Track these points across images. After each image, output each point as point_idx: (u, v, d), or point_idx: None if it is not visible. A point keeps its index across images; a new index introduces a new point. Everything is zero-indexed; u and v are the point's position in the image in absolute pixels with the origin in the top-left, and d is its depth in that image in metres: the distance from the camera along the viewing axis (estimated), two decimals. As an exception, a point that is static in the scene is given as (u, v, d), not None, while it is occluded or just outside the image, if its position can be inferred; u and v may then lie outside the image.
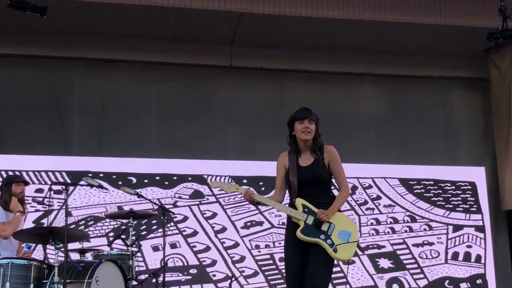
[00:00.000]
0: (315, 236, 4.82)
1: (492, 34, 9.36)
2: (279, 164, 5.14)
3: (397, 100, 10.65)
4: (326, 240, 4.83)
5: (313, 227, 4.83)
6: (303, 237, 4.83)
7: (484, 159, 10.55)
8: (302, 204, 4.93)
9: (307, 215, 4.86)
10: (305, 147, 5.07)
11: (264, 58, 10.14)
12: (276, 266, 9.45)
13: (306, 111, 5.17)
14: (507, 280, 10.28)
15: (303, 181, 4.96)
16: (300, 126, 5.07)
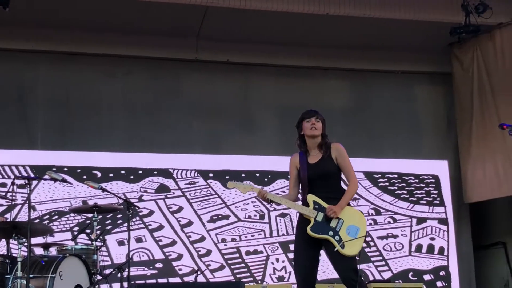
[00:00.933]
0: (324, 233, 5.02)
1: (455, 29, 9.48)
2: (291, 165, 5.35)
3: (361, 94, 10.75)
4: (334, 237, 5.01)
5: (323, 223, 5.02)
6: (313, 234, 5.03)
7: (447, 153, 10.69)
8: (313, 201, 5.09)
9: (317, 212, 5.04)
10: (313, 145, 5.29)
11: (230, 52, 10.14)
12: (242, 259, 9.48)
13: (313, 111, 5.43)
14: (469, 272, 10.44)
15: (312, 177, 5.15)
16: (307, 124, 5.30)
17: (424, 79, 11.04)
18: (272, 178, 9.91)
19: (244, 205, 9.70)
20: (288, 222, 9.76)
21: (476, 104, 10.09)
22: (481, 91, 10.06)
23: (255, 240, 9.60)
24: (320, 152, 5.26)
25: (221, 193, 9.64)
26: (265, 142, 10.13)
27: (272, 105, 10.36)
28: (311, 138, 5.30)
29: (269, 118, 10.30)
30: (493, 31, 9.88)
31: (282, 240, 9.68)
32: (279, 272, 9.51)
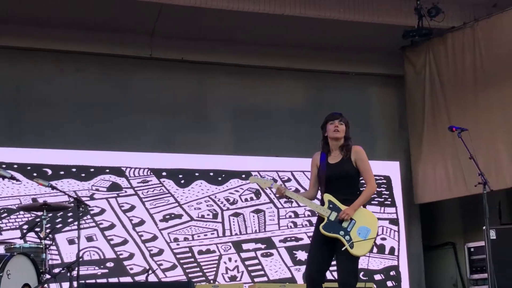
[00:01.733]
0: (335, 232, 5.11)
1: (408, 32, 9.62)
2: (312, 163, 5.48)
3: (316, 94, 10.81)
4: (345, 236, 5.09)
5: (335, 223, 5.13)
6: (325, 232, 5.15)
7: (399, 154, 10.83)
8: (329, 200, 5.22)
9: (331, 211, 5.16)
10: (335, 147, 5.42)
11: (185, 50, 10.09)
12: (194, 259, 9.43)
13: (337, 113, 5.58)
14: (419, 272, 10.60)
15: (331, 177, 5.28)
16: (331, 126, 5.44)
17: (377, 81, 11.17)
18: (225, 177, 9.89)
19: (197, 205, 9.66)
20: (241, 222, 9.76)
21: (427, 106, 10.25)
22: (433, 93, 10.22)
23: (208, 240, 9.57)
24: (341, 153, 5.39)
25: (174, 192, 9.58)
26: (219, 141, 10.11)
27: (227, 104, 10.34)
28: (334, 140, 5.44)
29: (224, 117, 10.28)
30: (445, 35, 10.04)
31: (235, 239, 9.67)
32: (231, 272, 9.50)
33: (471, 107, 9.67)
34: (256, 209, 9.90)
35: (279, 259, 9.77)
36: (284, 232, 9.92)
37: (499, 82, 9.40)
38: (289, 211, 10.02)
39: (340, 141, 5.44)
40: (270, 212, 9.95)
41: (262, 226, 9.85)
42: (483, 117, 9.50)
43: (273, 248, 9.79)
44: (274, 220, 9.94)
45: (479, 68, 9.65)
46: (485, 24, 9.59)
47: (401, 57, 10.70)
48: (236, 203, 9.82)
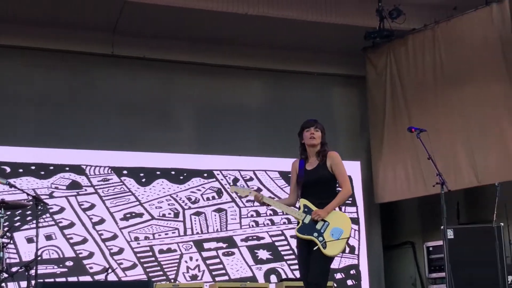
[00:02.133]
0: (309, 233, 5.27)
1: (369, 33, 9.71)
2: (292, 170, 5.66)
3: (279, 94, 10.85)
4: (318, 238, 5.24)
5: (309, 225, 5.28)
6: (299, 235, 5.35)
7: (360, 154, 10.93)
8: (304, 204, 5.39)
9: (306, 215, 5.32)
10: (312, 153, 5.58)
11: (148, 48, 10.04)
12: (155, 258, 9.39)
13: (313, 120, 5.69)
14: (379, 271, 10.71)
15: (307, 182, 5.45)
16: (307, 133, 5.58)
17: (339, 81, 11.25)
18: (187, 176, 9.87)
19: (159, 203, 9.62)
20: (203, 221, 9.75)
21: (388, 107, 10.36)
22: (394, 94, 10.33)
23: (169, 239, 9.53)
24: (317, 159, 5.53)
25: (135, 191, 9.52)
26: (181, 140, 10.08)
27: (190, 102, 10.31)
28: (311, 147, 5.57)
29: (186, 115, 10.25)
30: (406, 37, 10.16)
31: (196, 238, 9.66)
32: (192, 271, 9.48)
33: (431, 108, 9.81)
34: (218, 208, 9.89)
35: (241, 258, 9.78)
36: (246, 231, 9.94)
37: (458, 83, 9.55)
38: (251, 210, 10.03)
39: (316, 147, 5.58)
40: (232, 211, 9.95)
41: (224, 225, 9.85)
42: (443, 118, 9.64)
43: (235, 247, 9.80)
44: (236, 219, 9.95)
45: (439, 69, 9.79)
46: (445, 26, 9.73)
47: (363, 58, 10.80)
48: (197, 202, 9.80)
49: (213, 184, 9.96)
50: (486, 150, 9.21)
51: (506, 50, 9.10)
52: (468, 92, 9.42)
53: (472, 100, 9.37)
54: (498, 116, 9.14)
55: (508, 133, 9.02)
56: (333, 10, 9.69)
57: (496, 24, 9.19)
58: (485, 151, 9.22)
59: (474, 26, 9.43)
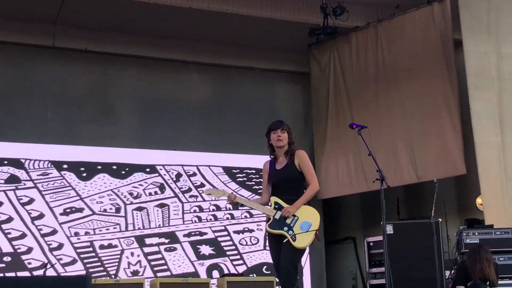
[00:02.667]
0: (280, 228, 5.47)
1: (314, 30, 9.78)
2: (264, 171, 5.81)
3: (222, 89, 10.82)
4: (288, 231, 5.44)
5: (280, 221, 5.48)
6: (270, 230, 5.53)
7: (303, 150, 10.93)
8: (275, 202, 5.57)
9: (276, 211, 5.52)
10: (281, 153, 5.74)
11: (89, 40, 9.89)
12: (96, 253, 9.26)
13: (279, 122, 5.82)
14: (320, 266, 10.80)
15: (277, 181, 5.64)
16: (274, 136, 5.71)
17: (283, 77, 11.29)
18: (130, 171, 9.75)
19: (100, 198, 9.48)
20: (145, 216, 9.65)
21: (331, 103, 10.44)
22: (337, 91, 10.42)
23: (110, 234, 9.41)
24: (285, 159, 5.70)
25: (75, 185, 9.37)
26: (123, 134, 9.96)
27: (132, 96, 10.20)
28: (278, 148, 5.73)
29: (128, 109, 10.14)
30: (350, 34, 10.26)
31: (138, 234, 9.56)
32: (133, 267, 9.38)
33: (373, 105, 9.93)
34: (161, 203, 9.82)
35: (183, 254, 9.73)
36: (189, 227, 9.89)
37: (399, 81, 9.70)
38: (194, 206, 9.99)
39: (284, 147, 5.74)
40: (174, 207, 9.88)
41: (166, 220, 9.78)
42: (384, 115, 9.78)
43: (177, 243, 9.74)
44: (179, 215, 9.88)
45: (381, 67, 9.93)
46: (388, 24, 9.87)
47: (307, 55, 10.85)
48: (140, 197, 9.70)
49: (156, 179, 9.87)
50: (425, 147, 9.39)
51: (446, 48, 9.29)
52: (409, 90, 9.58)
53: (413, 97, 9.54)
54: (437, 113, 9.32)
55: (447, 130, 9.21)
56: (278, 6, 9.71)
57: (437, 23, 9.37)
58: (425, 148, 9.39)
59: (415, 24, 9.60)
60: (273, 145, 5.73)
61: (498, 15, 8.97)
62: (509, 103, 8.83)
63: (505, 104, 8.82)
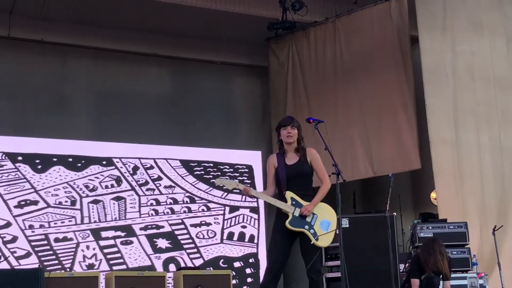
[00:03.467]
0: (301, 226, 5.54)
1: (272, 24, 9.80)
2: (270, 164, 5.83)
3: (181, 82, 10.78)
4: (310, 230, 5.53)
5: (299, 218, 5.55)
6: (291, 227, 5.55)
7: (261, 144, 11.02)
8: (291, 197, 5.61)
9: (295, 208, 5.56)
10: (290, 149, 5.79)
11: (45, 31, 9.74)
12: (50, 247, 9.15)
13: (289, 118, 5.89)
14: (277, 259, 10.83)
15: (290, 176, 5.67)
16: (284, 132, 5.77)
17: (242, 71, 11.29)
18: (85, 163, 9.65)
19: (55, 191, 9.37)
20: (101, 209, 9.57)
21: (289, 98, 10.49)
22: (295, 85, 10.47)
23: (65, 227, 9.31)
24: (296, 155, 5.76)
25: (30, 178, 9.23)
26: (80, 126, 9.86)
27: (89, 88, 10.10)
28: (288, 144, 5.78)
29: (85, 101, 10.04)
30: (308, 29, 10.31)
31: (93, 227, 9.48)
32: (89, 260, 9.30)
33: (331, 99, 10.01)
34: (117, 196, 9.74)
35: (139, 247, 9.68)
36: (145, 220, 9.84)
37: (356, 76, 9.79)
38: (151, 199, 9.94)
39: (293, 144, 5.80)
40: (131, 200, 9.82)
41: (123, 213, 9.71)
42: (341, 110, 9.86)
43: (133, 236, 9.68)
44: (135, 208, 9.83)
45: (339, 62, 10.00)
46: (346, 20, 9.94)
47: (266, 49, 10.87)
48: (96, 190, 9.62)
49: (112, 171, 9.79)
50: (382, 142, 9.50)
51: (403, 45, 9.41)
52: (366, 85, 9.68)
53: (370, 93, 9.64)
54: (393, 109, 9.43)
55: (403, 126, 9.33)
56: (237, 0, 9.69)
57: (394, 19, 9.48)
58: (381, 143, 9.50)
59: (373, 20, 9.69)
60: (283, 141, 5.79)
61: (454, 12, 9.11)
62: (463, 100, 8.99)
63: (459, 101, 8.98)
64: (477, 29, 9.13)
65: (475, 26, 9.13)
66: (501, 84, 9.12)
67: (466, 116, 8.95)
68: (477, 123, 8.97)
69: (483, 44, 9.12)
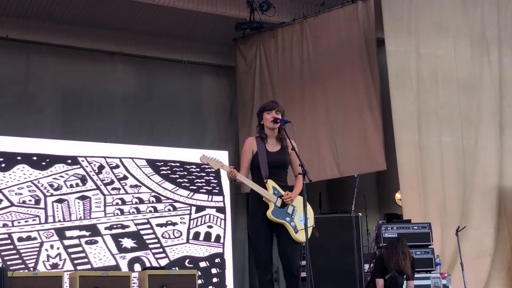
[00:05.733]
0: (282, 218, 5.29)
1: (240, 24, 9.81)
2: (247, 148, 5.46)
3: (147, 81, 10.74)
4: (290, 223, 5.30)
5: (281, 209, 5.29)
6: (273, 218, 5.26)
7: (228, 144, 11.03)
8: (273, 186, 5.32)
9: (277, 198, 5.29)
10: (272, 135, 5.47)
11: (10, 28, 9.63)
12: (14, 246, 9.02)
13: (274, 103, 5.54)
14: (243, 259, 10.87)
15: (272, 164, 5.35)
16: (268, 116, 5.42)
17: (210, 71, 11.30)
18: (50, 162, 9.53)
19: (19, 190, 9.24)
20: (66, 208, 9.47)
21: (257, 98, 10.52)
22: (262, 86, 10.51)
23: (29, 226, 9.19)
24: (278, 142, 5.45)
25: (-7, 176, 9.11)
26: (44, 124, 9.76)
27: (54, 86, 10.01)
28: (271, 129, 5.45)
29: (50, 99, 9.94)
30: (276, 30, 10.36)
31: (58, 226, 9.37)
32: (53, 259, 9.20)
33: (298, 100, 10.05)
34: (82, 196, 9.64)
35: (104, 247, 9.59)
36: (111, 219, 9.76)
37: (323, 77, 9.86)
38: (116, 198, 9.86)
39: (275, 130, 5.48)
40: (96, 199, 9.73)
41: (88, 213, 9.62)
42: (308, 110, 9.92)
43: (98, 236, 9.60)
44: (100, 207, 9.74)
45: (306, 63, 10.06)
46: (313, 21, 10.01)
47: (234, 49, 10.88)
48: (60, 188, 9.51)
49: (77, 170, 9.69)
50: (348, 143, 9.57)
51: (369, 47, 9.50)
52: (332, 86, 9.75)
53: (336, 94, 9.72)
54: (359, 110, 9.52)
55: (369, 127, 9.42)
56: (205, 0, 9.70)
57: (361, 21, 9.56)
58: (347, 144, 9.58)
59: (340, 22, 9.77)
60: (266, 125, 5.45)
61: (418, 15, 9.23)
62: (426, 102, 9.11)
63: (423, 103, 9.09)
64: (442, 32, 9.25)
65: (439, 29, 9.25)
66: (464, 87, 9.26)
67: (429, 118, 9.07)
68: (440, 126, 9.09)
69: (447, 47, 9.24)
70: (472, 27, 9.41)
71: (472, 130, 9.22)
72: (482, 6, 9.48)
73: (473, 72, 9.32)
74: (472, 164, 9.13)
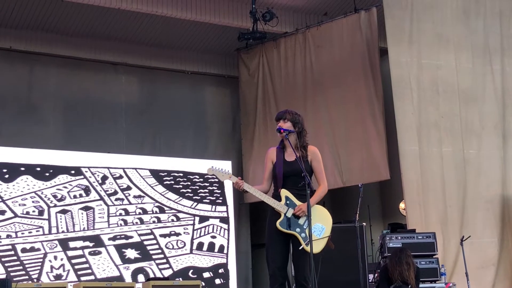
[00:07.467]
0: (292, 229, 5.17)
1: (243, 34, 9.83)
2: (268, 158, 5.46)
3: (151, 91, 10.76)
4: (301, 234, 5.16)
5: (292, 219, 5.17)
6: (281, 228, 5.19)
7: (231, 154, 11.03)
8: (286, 196, 5.25)
9: (288, 208, 5.19)
10: (287, 144, 5.40)
11: (13, 39, 9.66)
12: (17, 257, 9.02)
13: (281, 112, 5.54)
14: (247, 269, 10.85)
15: (287, 174, 5.30)
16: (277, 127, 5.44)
17: (212, 81, 11.31)
18: (54, 173, 9.55)
19: (22, 200, 9.25)
20: (69, 219, 9.48)
21: (259, 108, 10.53)
22: (265, 96, 10.52)
23: (33, 237, 9.19)
24: (297, 152, 5.36)
25: (-4, 187, 9.12)
26: (48, 134, 9.78)
27: (58, 97, 10.04)
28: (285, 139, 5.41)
29: (54, 110, 9.97)
30: (279, 40, 10.38)
31: (61, 237, 9.37)
32: (56, 270, 9.19)
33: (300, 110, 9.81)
34: (85, 206, 9.65)
35: (108, 258, 9.59)
36: (114, 230, 9.76)
37: (326, 87, 9.86)
38: (120, 209, 9.87)
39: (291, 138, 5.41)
40: (99, 210, 9.74)
41: (91, 223, 9.62)
42: (311, 120, 9.86)
43: (102, 246, 9.60)
44: (104, 218, 9.74)
45: (308, 73, 10.07)
46: (316, 31, 10.02)
47: (236, 59, 10.90)
48: (64, 199, 9.52)
49: (81, 181, 9.70)
50: (351, 152, 9.56)
51: (372, 56, 9.50)
52: (335, 96, 9.75)
53: (339, 103, 9.71)
54: (363, 120, 9.51)
55: (372, 137, 9.41)
56: (208, 10, 9.73)
57: (364, 31, 9.57)
58: (350, 153, 9.57)
59: (343, 32, 9.78)
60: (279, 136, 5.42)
61: (420, 25, 9.23)
62: (426, 113, 9.08)
63: (423, 114, 9.06)
64: (443, 42, 9.25)
65: (441, 40, 9.25)
66: (465, 97, 9.24)
67: (430, 128, 9.05)
68: (441, 136, 9.07)
69: (449, 57, 9.23)
70: (473, 37, 9.40)
71: (474, 140, 9.20)
72: (484, 16, 9.48)
73: (474, 82, 9.30)
74: (475, 174, 9.10)
